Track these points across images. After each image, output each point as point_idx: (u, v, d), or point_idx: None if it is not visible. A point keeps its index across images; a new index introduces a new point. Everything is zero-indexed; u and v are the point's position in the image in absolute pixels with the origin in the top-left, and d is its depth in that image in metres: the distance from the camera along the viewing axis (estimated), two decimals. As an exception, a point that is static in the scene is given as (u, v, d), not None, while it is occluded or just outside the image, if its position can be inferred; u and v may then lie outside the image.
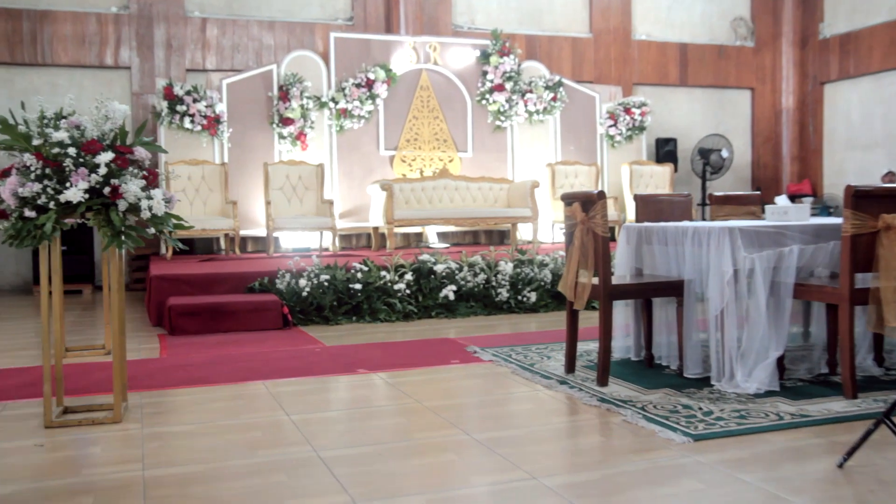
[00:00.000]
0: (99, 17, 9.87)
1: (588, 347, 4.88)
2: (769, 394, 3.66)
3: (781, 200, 4.79)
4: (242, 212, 9.38)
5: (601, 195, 3.91)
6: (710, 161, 11.67)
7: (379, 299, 6.51)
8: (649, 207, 5.06)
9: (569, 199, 4.16)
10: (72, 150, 3.28)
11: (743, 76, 12.70)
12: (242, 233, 9.40)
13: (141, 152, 3.51)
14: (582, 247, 4.01)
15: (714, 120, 12.61)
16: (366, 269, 6.67)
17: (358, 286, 6.45)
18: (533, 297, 6.83)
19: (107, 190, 3.29)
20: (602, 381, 3.91)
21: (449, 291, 6.64)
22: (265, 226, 8.73)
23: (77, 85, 9.90)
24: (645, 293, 4.15)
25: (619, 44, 11.98)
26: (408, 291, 6.59)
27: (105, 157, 3.31)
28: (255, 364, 4.65)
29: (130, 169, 3.54)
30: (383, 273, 6.62)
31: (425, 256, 6.84)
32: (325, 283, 6.41)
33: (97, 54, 9.88)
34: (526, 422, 3.40)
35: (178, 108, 9.06)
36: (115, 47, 9.94)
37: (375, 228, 9.45)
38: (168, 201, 3.56)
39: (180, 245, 3.68)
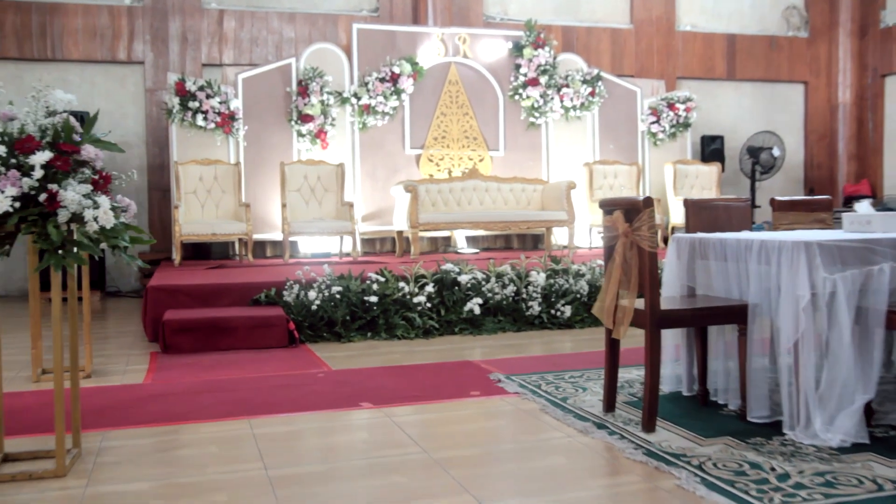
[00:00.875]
0: (111, 9, 9.39)
1: (630, 376, 4.20)
2: (857, 447, 2.96)
3: (863, 207, 4.07)
4: (259, 214, 8.83)
5: (648, 202, 3.24)
6: (759, 160, 10.87)
7: (397, 313, 5.90)
8: (702, 215, 4.35)
9: (609, 207, 3.50)
10: (1, 150, 2.70)
11: (795, 69, 11.86)
12: (258, 237, 8.84)
13: (90, 151, 2.92)
14: (624, 264, 3.34)
15: (764, 116, 11.79)
16: (382, 279, 6.06)
17: (373, 299, 5.84)
18: (567, 311, 6.16)
19: (42, 197, 2.71)
20: (648, 427, 3.24)
21: (474, 305, 6.00)
22: (281, 230, 8.16)
23: (88, 81, 9.43)
24: (700, 320, 3.46)
25: (662, 35, 11.22)
26: (429, 305, 5.96)
27: (41, 157, 2.72)
28: (245, 394, 4.05)
29: (83, 172, 2.97)
30: (402, 284, 6.00)
31: (448, 266, 6.20)
32: (338, 296, 5.81)
33: (109, 49, 9.40)
34: (554, 486, 2.74)
35: (191, 104, 8.53)
36: (129, 41, 9.46)
37: (399, 233, 8.84)
38: (123, 210, 2.98)
39: (139, 263, 3.08)
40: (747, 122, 11.67)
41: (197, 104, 8.54)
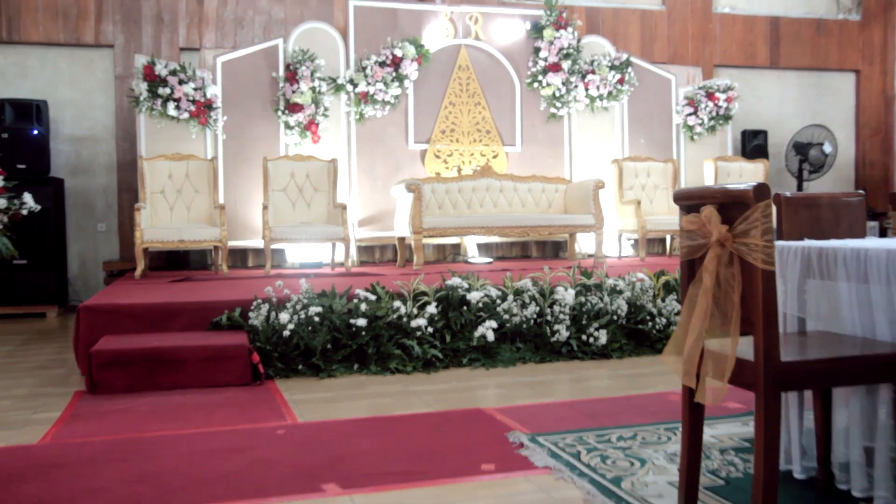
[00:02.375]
0: (76, -15, 8.28)
1: (707, 433, 3.01)
2: None
3: None
4: (239, 218, 7.69)
5: (762, 192, 2.06)
6: (808, 157, 9.65)
7: (391, 340, 4.72)
8: (801, 216, 3.16)
9: (692, 201, 2.31)
10: None
11: (846, 56, 10.62)
12: (237, 244, 7.70)
13: None
14: (719, 288, 2.16)
15: (810, 108, 10.56)
16: (373, 297, 4.88)
17: (362, 322, 4.67)
18: (602, 336, 4.96)
19: None
20: (763, 548, 2.05)
21: (487, 330, 4.81)
22: (262, 236, 6.99)
23: (51, 66, 8.32)
24: (842, 377, 2.25)
25: (698, 17, 10.02)
26: (430, 330, 4.78)
27: None
28: (164, 469, 2.87)
29: None
30: (397, 304, 4.82)
31: (455, 281, 5.02)
32: (317, 318, 4.64)
33: (74, 30, 8.28)
34: None
35: (161, 91, 7.40)
36: (96, 22, 8.34)
37: (401, 239, 7.67)
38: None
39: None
40: (792, 115, 10.44)
41: (168, 91, 7.41)
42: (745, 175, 8.76)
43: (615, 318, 5.11)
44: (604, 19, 9.67)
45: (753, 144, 9.69)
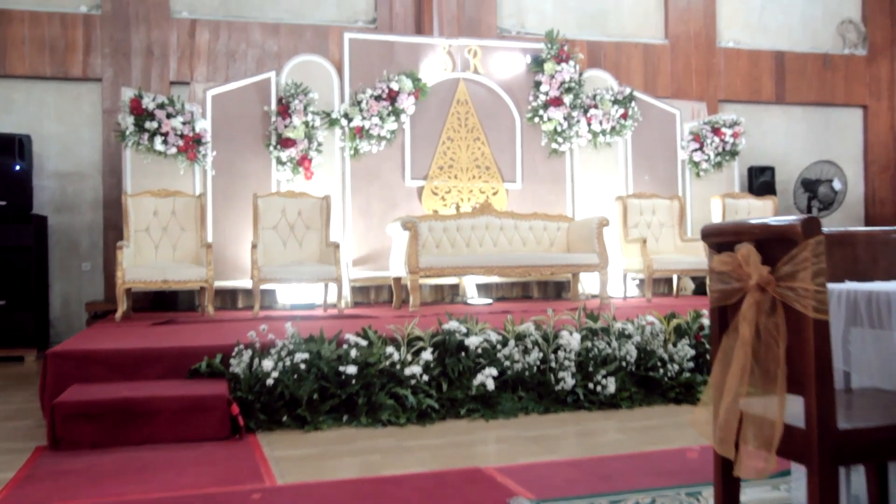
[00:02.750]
0: (64, 18, 8.06)
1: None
2: None
3: None
4: (229, 257, 7.37)
5: (811, 227, 1.75)
6: (818, 194, 9.37)
7: (383, 389, 4.37)
8: (836, 255, 2.82)
9: (725, 237, 1.99)
10: None
11: (853, 91, 10.40)
12: (226, 284, 7.38)
13: None
14: (759, 341, 1.83)
15: (818, 145, 10.30)
16: (364, 342, 4.54)
17: (352, 370, 4.32)
18: (610, 384, 4.61)
19: None
20: None
21: (487, 378, 4.46)
22: (251, 276, 6.66)
23: (36, 100, 8.06)
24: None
25: (702, 52, 9.81)
26: (426, 378, 4.44)
27: None
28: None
29: None
30: (390, 350, 4.48)
31: (452, 325, 4.69)
32: (303, 366, 4.30)
33: (62, 63, 8.05)
34: None
35: (148, 125, 7.12)
36: (84, 55, 8.10)
37: (397, 279, 7.34)
38: None
39: None
40: (799, 151, 10.19)
41: (155, 125, 7.13)
42: (754, 212, 8.46)
43: (624, 364, 4.77)
44: (605, 53, 9.45)
45: (761, 181, 9.41)
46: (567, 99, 8.32)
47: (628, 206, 8.17)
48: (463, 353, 4.60)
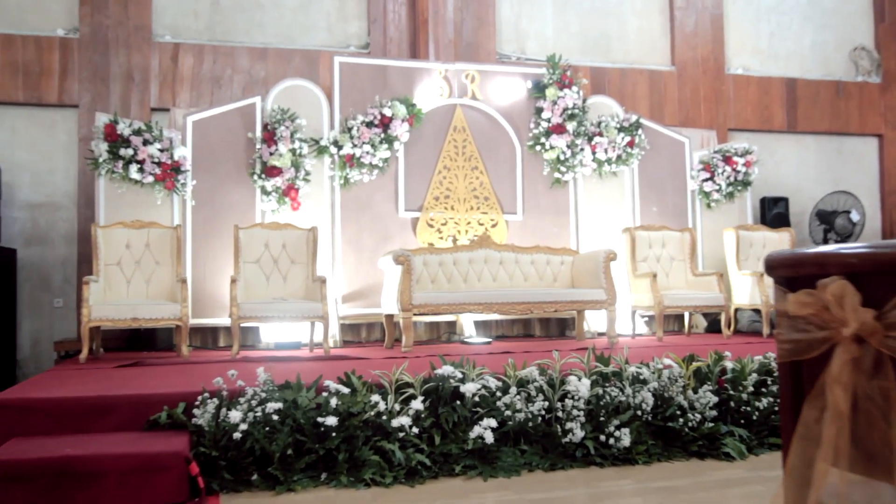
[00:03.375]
0: (39, 41, 7.64)
1: None
2: None
3: None
4: (210, 292, 6.88)
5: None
6: (835, 226, 8.89)
7: (367, 443, 3.84)
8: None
9: (803, 268, 1.48)
10: None
11: (867, 120, 9.97)
12: (208, 322, 6.89)
13: None
14: (858, 411, 1.32)
15: (832, 175, 9.86)
16: (347, 390, 4.02)
17: (332, 421, 3.80)
18: (625, 437, 4.08)
19: None
20: None
21: (485, 430, 3.93)
22: (229, 314, 6.14)
23: (8, 127, 7.62)
24: None
25: (710, 78, 9.40)
26: (416, 430, 3.91)
27: None
28: None
29: None
30: (375, 398, 3.96)
31: (446, 370, 4.17)
32: (276, 417, 3.77)
33: (35, 88, 7.62)
34: None
35: (123, 151, 6.66)
36: (60, 80, 7.68)
37: (389, 317, 6.83)
38: None
39: None
40: (812, 181, 9.74)
41: (130, 151, 6.67)
42: (769, 245, 7.97)
43: (639, 413, 4.24)
44: (610, 80, 9.04)
45: (774, 212, 8.95)
46: (570, 126, 7.88)
47: (636, 239, 7.68)
48: (458, 402, 4.07)
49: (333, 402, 3.88)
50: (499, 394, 4.16)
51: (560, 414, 4.14)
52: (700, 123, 9.23)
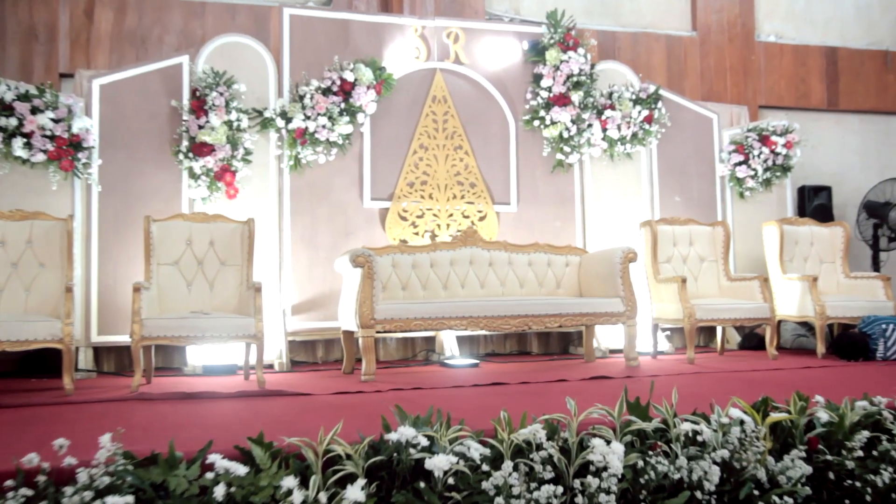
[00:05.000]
0: (-83, -11, 6.14)
1: None
2: None
3: None
4: (123, 304, 5.40)
5: None
6: (888, 220, 7.44)
7: (272, 559, 2.38)
8: None
9: None
10: None
11: (919, 96, 8.55)
12: (118, 340, 5.40)
13: None
14: None
15: (878, 160, 8.42)
16: (243, 470, 2.55)
17: (216, 522, 2.33)
18: (681, 535, 2.63)
19: None
20: None
21: (463, 534, 2.48)
22: (130, 332, 4.63)
23: None
24: None
25: (737, 46, 7.96)
26: (351, 536, 2.45)
27: None
28: None
29: None
30: (288, 483, 2.49)
31: (404, 433, 2.70)
32: (123, 518, 2.30)
33: (-87, 49, 6.11)
34: None
35: (4, 122, 5.17)
36: (-55, 39, 6.17)
37: (348, 334, 5.36)
38: None
39: None
40: (855, 168, 8.31)
41: (14, 122, 5.18)
42: (820, 243, 6.54)
43: (699, 495, 2.79)
44: (620, 47, 7.59)
45: (816, 204, 7.51)
46: (576, 97, 6.43)
47: (659, 235, 6.21)
48: (423, 483, 2.61)
49: (220, 491, 2.41)
50: (485, 467, 2.70)
51: (580, 500, 2.67)
52: (725, 99, 7.80)
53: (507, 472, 2.64)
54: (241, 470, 2.50)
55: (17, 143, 5.16)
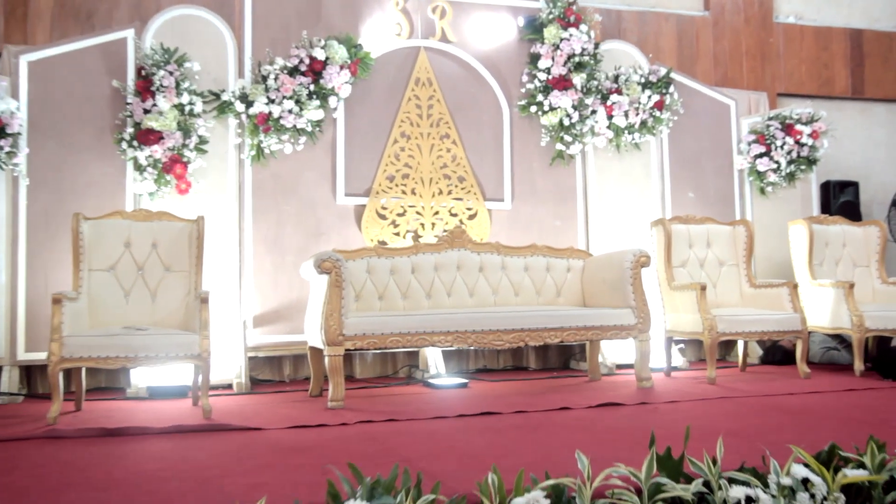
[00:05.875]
0: None
1: None
2: None
3: None
4: (47, 314, 4.62)
5: None
6: (922, 219, 6.73)
7: None
8: None
9: None
10: None
11: (951, 84, 7.83)
12: (33, 358, 4.64)
13: None
14: None
15: (906, 154, 7.72)
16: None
17: None
18: None
19: None
20: None
21: None
22: (48, 352, 3.87)
23: None
24: None
25: (754, 28, 7.24)
26: None
27: None
28: None
29: None
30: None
31: (352, 513, 1.96)
32: None
33: None
34: None
35: (-89, 104, 4.42)
36: None
37: (315, 351, 4.60)
38: None
39: None
40: (882, 162, 7.61)
41: (-77, 104, 4.43)
42: (852, 245, 5.81)
43: (757, 590, 2.05)
44: (626, 27, 6.86)
45: (842, 201, 6.80)
46: (578, 79, 5.69)
47: (672, 235, 5.46)
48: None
49: None
50: (467, 556, 1.96)
51: None
52: (741, 85, 7.08)
53: (496, 566, 1.91)
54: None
55: (-73, 128, 4.41)
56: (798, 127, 6.15)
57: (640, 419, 3.54)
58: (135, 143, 4.86)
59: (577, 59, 5.71)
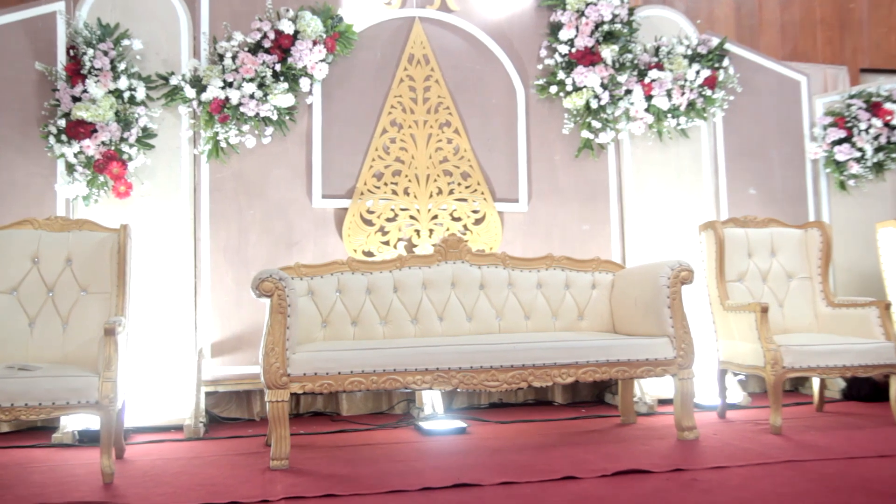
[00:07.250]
0: None
1: None
2: None
3: None
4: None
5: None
6: None
7: None
8: None
9: None
10: None
11: None
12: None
13: None
14: None
15: None
16: None
17: None
18: None
19: None
20: None
21: None
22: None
23: None
24: None
25: (831, -8, 6.09)
26: None
27: None
28: None
29: None
30: None
31: None
32: None
33: None
34: None
35: None
36: None
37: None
38: None
39: None
40: None
41: None
42: (959, 250, 4.63)
43: None
44: (673, -5, 5.80)
45: (941, 197, 5.58)
46: (608, 53, 4.67)
47: (726, 241, 4.38)
48: None
49: None
50: None
51: None
52: (815, 59, 5.94)
53: None
54: None
55: None
56: (887, 106, 5.00)
57: (663, 497, 2.53)
58: (63, 137, 4.05)
59: (606, 27, 4.68)
